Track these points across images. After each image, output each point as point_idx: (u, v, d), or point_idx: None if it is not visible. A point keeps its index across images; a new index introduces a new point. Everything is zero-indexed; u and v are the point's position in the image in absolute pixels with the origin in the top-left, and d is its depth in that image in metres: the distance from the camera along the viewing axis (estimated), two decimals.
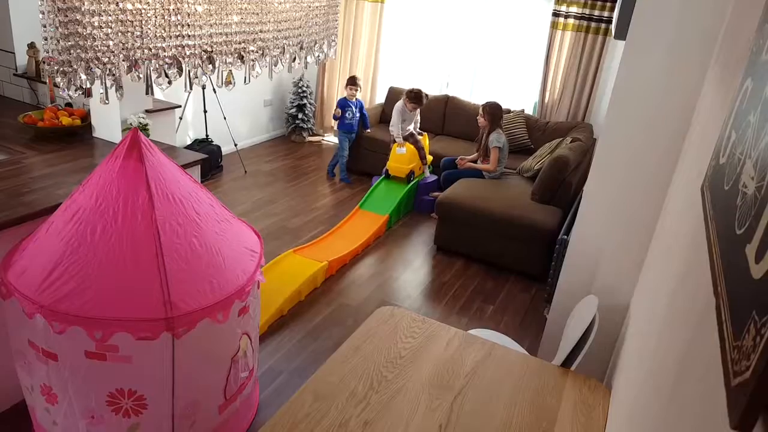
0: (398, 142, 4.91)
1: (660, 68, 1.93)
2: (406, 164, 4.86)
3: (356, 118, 5.30)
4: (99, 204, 1.87)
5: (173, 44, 1.44)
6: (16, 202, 2.25)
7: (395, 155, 4.89)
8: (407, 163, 4.86)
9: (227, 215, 2.21)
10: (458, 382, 1.74)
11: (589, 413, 1.66)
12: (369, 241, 4.18)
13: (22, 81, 3.66)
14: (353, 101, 5.28)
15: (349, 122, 5.28)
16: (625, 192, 2.10)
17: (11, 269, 1.90)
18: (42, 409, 1.99)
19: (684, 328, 0.93)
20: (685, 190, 1.48)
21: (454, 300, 3.59)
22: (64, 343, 1.78)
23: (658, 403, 0.96)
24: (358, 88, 5.30)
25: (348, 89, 5.29)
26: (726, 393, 0.53)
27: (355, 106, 5.28)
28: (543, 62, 5.25)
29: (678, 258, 1.27)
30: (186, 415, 1.99)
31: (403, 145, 4.88)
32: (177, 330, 1.81)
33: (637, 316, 1.83)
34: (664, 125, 1.94)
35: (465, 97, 5.68)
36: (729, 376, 0.53)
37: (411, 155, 4.90)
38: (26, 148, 2.87)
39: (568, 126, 5.04)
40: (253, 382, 2.36)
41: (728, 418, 0.51)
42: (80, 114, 3.13)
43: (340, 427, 1.51)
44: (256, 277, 2.13)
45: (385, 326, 1.99)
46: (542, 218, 3.85)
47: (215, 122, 5.22)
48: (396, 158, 4.89)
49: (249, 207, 4.60)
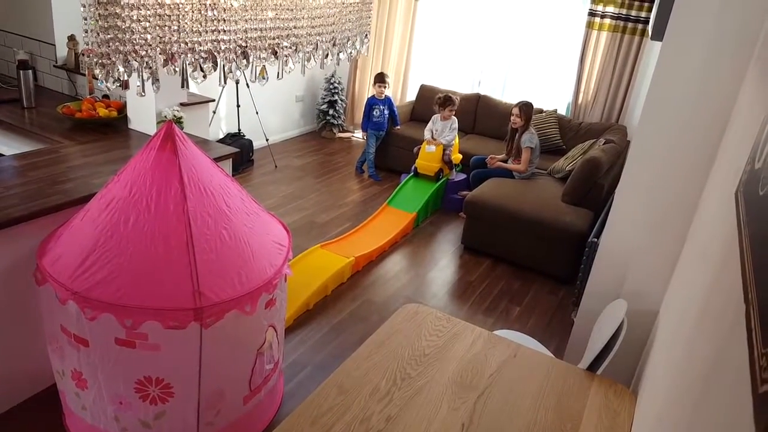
0: (427, 140, 4.87)
1: (697, 70, 1.88)
2: (435, 162, 4.82)
3: (385, 116, 5.30)
4: (133, 194, 1.92)
5: (209, 39, 1.46)
6: (52, 190, 2.32)
7: (424, 153, 4.85)
8: (436, 161, 4.82)
9: (257, 208, 2.24)
10: (482, 382, 1.73)
11: (614, 418, 1.64)
12: (396, 239, 4.19)
13: (61, 72, 3.77)
14: (382, 99, 5.28)
15: (377, 120, 5.29)
16: (657, 195, 2.05)
17: (46, 256, 1.96)
18: (72, 394, 2.05)
19: (714, 335, 0.91)
20: (719, 194, 1.44)
21: (480, 300, 3.57)
22: (95, 330, 1.83)
23: (685, 410, 0.94)
24: (386, 85, 5.30)
25: (376, 87, 5.29)
26: (752, 400, 0.52)
27: (383, 104, 5.28)
28: (578, 62, 5.17)
29: (710, 264, 1.24)
30: (211, 404, 2.02)
31: (432, 143, 4.83)
32: (205, 320, 1.84)
33: (667, 321, 1.80)
34: (699, 128, 1.89)
35: (497, 96, 5.63)
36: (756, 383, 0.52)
37: (439, 154, 4.84)
38: (64, 138, 2.96)
39: (602, 127, 4.96)
40: (277, 375, 2.39)
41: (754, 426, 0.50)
42: (117, 106, 3.21)
43: (362, 422, 1.52)
44: (283, 270, 2.15)
45: (410, 323, 1.99)
46: (572, 220, 3.80)
47: (248, 117, 5.29)
48: (425, 156, 4.85)
49: (278, 201, 4.65)
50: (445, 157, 4.84)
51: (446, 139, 4.83)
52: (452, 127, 4.90)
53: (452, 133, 4.88)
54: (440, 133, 4.88)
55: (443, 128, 4.90)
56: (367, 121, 5.36)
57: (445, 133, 4.89)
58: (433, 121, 4.93)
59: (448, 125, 4.90)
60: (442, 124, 4.91)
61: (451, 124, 4.90)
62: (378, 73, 5.40)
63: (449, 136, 4.87)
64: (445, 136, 4.85)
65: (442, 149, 4.80)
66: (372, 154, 5.36)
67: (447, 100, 4.84)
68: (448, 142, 4.83)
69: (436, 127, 4.92)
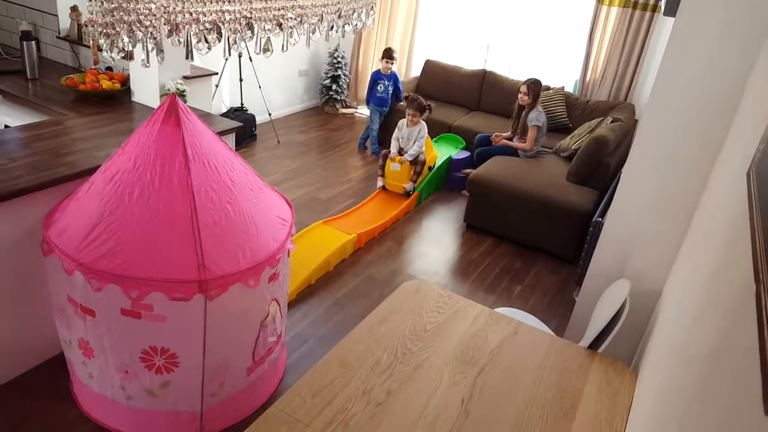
0: (391, 157, 4.37)
1: (710, 47, 1.85)
2: (402, 181, 4.34)
3: (389, 93, 5.24)
4: (137, 167, 1.91)
5: (213, 9, 1.44)
6: (57, 162, 2.31)
7: (389, 171, 4.38)
8: (404, 178, 4.34)
9: (260, 184, 2.23)
10: (483, 358, 1.75)
11: (614, 396, 1.65)
12: (398, 216, 4.19)
13: (64, 44, 3.73)
14: (387, 74, 5.22)
15: (380, 96, 5.23)
16: (665, 175, 2.04)
17: (52, 227, 1.97)
18: (79, 362, 2.07)
19: (721, 314, 0.91)
20: (730, 174, 1.43)
21: (482, 278, 3.59)
22: (102, 301, 1.85)
23: (689, 388, 0.95)
24: (393, 60, 5.22)
25: (383, 62, 5.22)
26: (762, 379, 0.52)
27: (388, 80, 5.22)
28: (586, 38, 5.09)
29: (717, 244, 1.24)
30: (215, 375, 2.05)
31: (396, 161, 4.33)
32: (210, 292, 1.85)
33: (670, 301, 1.80)
34: (710, 107, 1.87)
35: (503, 72, 5.56)
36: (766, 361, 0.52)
37: (407, 171, 4.34)
38: (68, 110, 2.94)
39: (610, 105, 4.90)
40: (280, 347, 2.42)
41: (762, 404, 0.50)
42: (120, 78, 3.19)
43: (363, 394, 1.54)
44: (286, 245, 2.16)
45: (411, 300, 2.00)
46: (577, 199, 3.79)
47: (250, 91, 5.24)
48: (390, 175, 4.39)
49: (281, 177, 4.64)
50: (417, 167, 4.34)
51: (411, 154, 4.30)
52: (420, 135, 4.37)
53: (419, 143, 4.34)
54: (406, 142, 4.38)
55: (409, 136, 4.39)
56: (370, 95, 5.31)
57: (410, 144, 4.37)
58: (399, 127, 4.44)
59: (416, 132, 4.38)
60: (409, 130, 4.39)
61: (419, 131, 4.37)
62: (385, 48, 5.31)
63: (414, 149, 4.33)
64: (409, 150, 4.33)
65: (408, 165, 4.32)
66: (375, 131, 5.32)
67: (413, 102, 4.34)
68: (412, 156, 4.30)
69: (402, 134, 4.42)
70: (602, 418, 1.56)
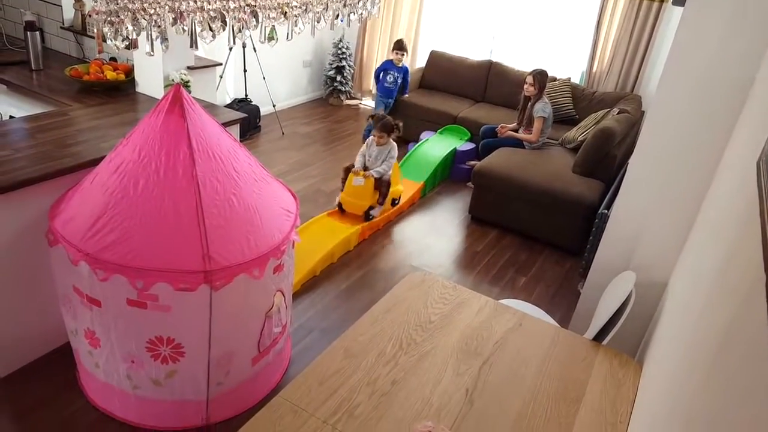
0: (355, 170, 3.83)
1: (719, 37, 1.83)
2: (362, 200, 3.76)
3: (397, 85, 5.20)
4: (142, 158, 1.91)
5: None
6: (62, 153, 2.31)
7: (350, 186, 3.78)
8: (366, 197, 3.76)
9: (265, 175, 2.23)
10: (487, 350, 1.75)
11: (618, 387, 1.65)
12: (403, 207, 4.18)
13: (68, 34, 3.72)
14: (398, 66, 5.18)
15: (388, 87, 5.20)
16: (672, 166, 2.02)
17: (58, 217, 1.97)
18: (85, 352, 2.09)
19: (728, 305, 0.90)
20: (739, 164, 1.42)
21: (486, 270, 3.58)
22: (107, 291, 1.85)
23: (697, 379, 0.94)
24: (404, 52, 5.16)
25: (394, 54, 5.17)
26: None
27: (398, 72, 5.18)
28: (593, 29, 5.05)
29: (725, 235, 1.23)
30: (221, 364, 2.06)
31: (360, 175, 3.77)
32: (215, 283, 1.85)
33: (676, 293, 1.79)
34: (718, 97, 1.85)
35: (509, 63, 5.52)
36: None
37: (370, 191, 3.77)
38: (72, 101, 2.94)
39: (616, 97, 4.87)
40: (285, 338, 2.42)
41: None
42: (124, 69, 3.18)
43: (368, 384, 1.54)
44: (291, 236, 2.16)
45: (416, 291, 2.00)
46: (583, 191, 3.77)
47: (254, 82, 5.23)
48: (351, 190, 3.78)
49: (285, 168, 4.63)
50: (382, 189, 3.81)
51: (378, 171, 3.80)
52: (390, 155, 3.87)
53: (388, 163, 3.84)
54: (374, 161, 3.87)
55: (378, 155, 3.88)
56: (378, 83, 5.26)
57: (378, 162, 3.86)
58: (368, 145, 3.94)
59: (386, 152, 3.88)
60: (378, 149, 3.87)
61: (390, 152, 3.87)
62: (397, 40, 5.25)
63: (383, 167, 3.83)
64: (377, 168, 3.82)
65: (372, 182, 3.77)
66: None
67: (378, 121, 3.84)
68: (380, 174, 3.79)
69: (371, 152, 3.90)
70: (606, 410, 1.56)
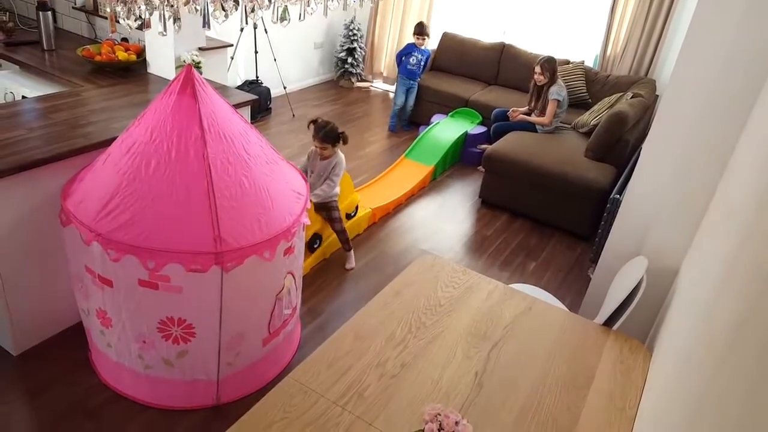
0: None
1: (737, 18, 1.79)
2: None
3: (420, 67, 5.14)
4: (153, 139, 1.91)
5: None
6: (74, 133, 2.32)
7: None
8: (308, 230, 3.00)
9: (276, 157, 2.22)
10: (496, 333, 1.75)
11: (628, 373, 1.65)
12: (413, 191, 4.17)
13: (80, 14, 3.72)
14: (421, 49, 5.12)
15: (411, 68, 5.12)
16: (686, 152, 1.99)
17: (70, 198, 1.98)
18: (97, 332, 2.11)
19: (742, 293, 0.89)
20: (756, 150, 1.39)
21: (497, 254, 3.57)
22: (119, 271, 1.87)
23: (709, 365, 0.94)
24: (426, 36, 5.09)
25: (415, 38, 5.10)
26: None
27: (422, 54, 5.12)
28: (608, 11, 4.96)
29: (740, 220, 1.21)
30: (231, 345, 2.08)
31: None
32: (226, 264, 1.87)
33: (688, 280, 1.78)
34: (735, 81, 1.81)
35: (522, 45, 5.44)
36: None
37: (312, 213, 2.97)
38: (84, 81, 2.95)
39: (630, 80, 4.80)
40: (295, 320, 2.44)
41: None
42: (136, 49, 3.17)
43: (378, 366, 1.55)
44: (301, 219, 2.16)
45: (426, 274, 2.00)
46: (595, 176, 3.73)
47: (265, 64, 5.21)
48: None
49: (296, 150, 4.62)
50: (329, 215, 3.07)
51: (316, 194, 2.95)
52: (334, 172, 2.99)
53: (331, 182, 2.99)
54: (316, 178, 3.04)
55: (322, 170, 3.01)
56: (401, 65, 5.19)
57: (320, 181, 3.01)
58: (309, 156, 3.10)
59: (329, 166, 3.00)
60: (322, 164, 3.01)
61: (334, 167, 2.99)
62: (418, 23, 5.17)
63: (324, 189, 2.97)
64: (315, 191, 2.97)
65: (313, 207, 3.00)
66: (398, 105, 5.22)
67: (319, 130, 2.92)
68: (319, 198, 2.97)
69: (312, 168, 3.08)
70: (616, 395, 1.56)
